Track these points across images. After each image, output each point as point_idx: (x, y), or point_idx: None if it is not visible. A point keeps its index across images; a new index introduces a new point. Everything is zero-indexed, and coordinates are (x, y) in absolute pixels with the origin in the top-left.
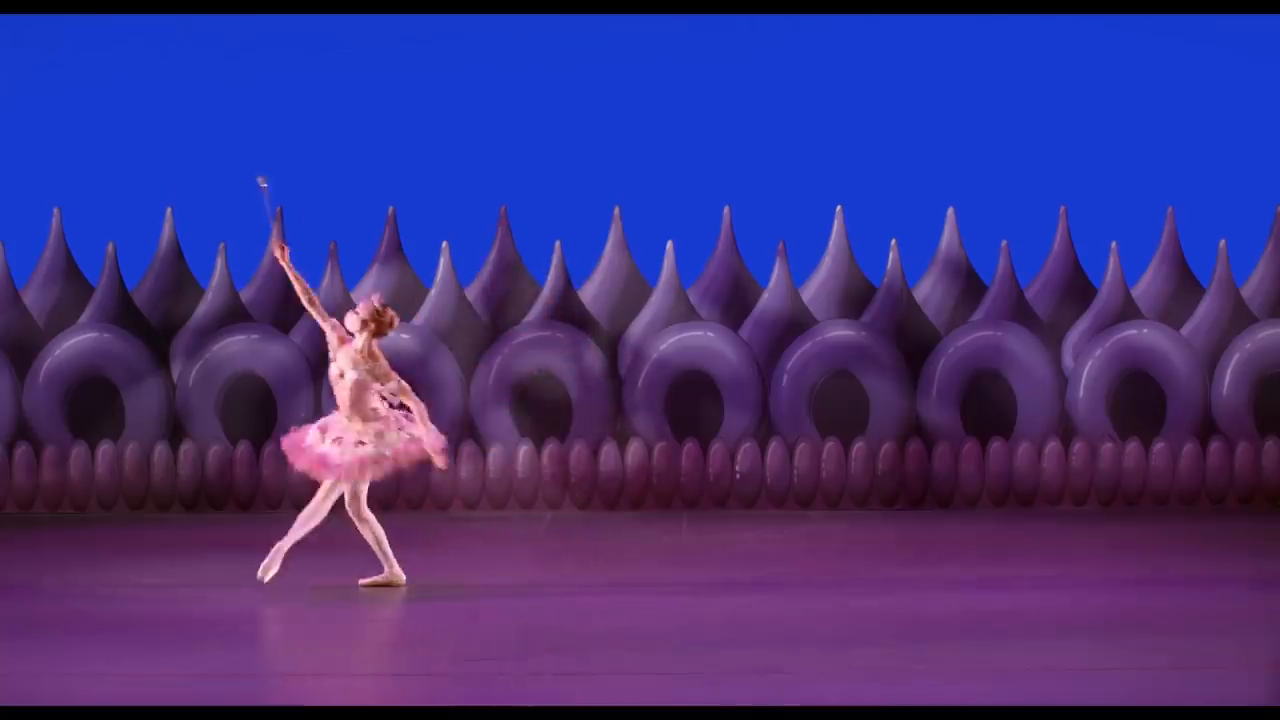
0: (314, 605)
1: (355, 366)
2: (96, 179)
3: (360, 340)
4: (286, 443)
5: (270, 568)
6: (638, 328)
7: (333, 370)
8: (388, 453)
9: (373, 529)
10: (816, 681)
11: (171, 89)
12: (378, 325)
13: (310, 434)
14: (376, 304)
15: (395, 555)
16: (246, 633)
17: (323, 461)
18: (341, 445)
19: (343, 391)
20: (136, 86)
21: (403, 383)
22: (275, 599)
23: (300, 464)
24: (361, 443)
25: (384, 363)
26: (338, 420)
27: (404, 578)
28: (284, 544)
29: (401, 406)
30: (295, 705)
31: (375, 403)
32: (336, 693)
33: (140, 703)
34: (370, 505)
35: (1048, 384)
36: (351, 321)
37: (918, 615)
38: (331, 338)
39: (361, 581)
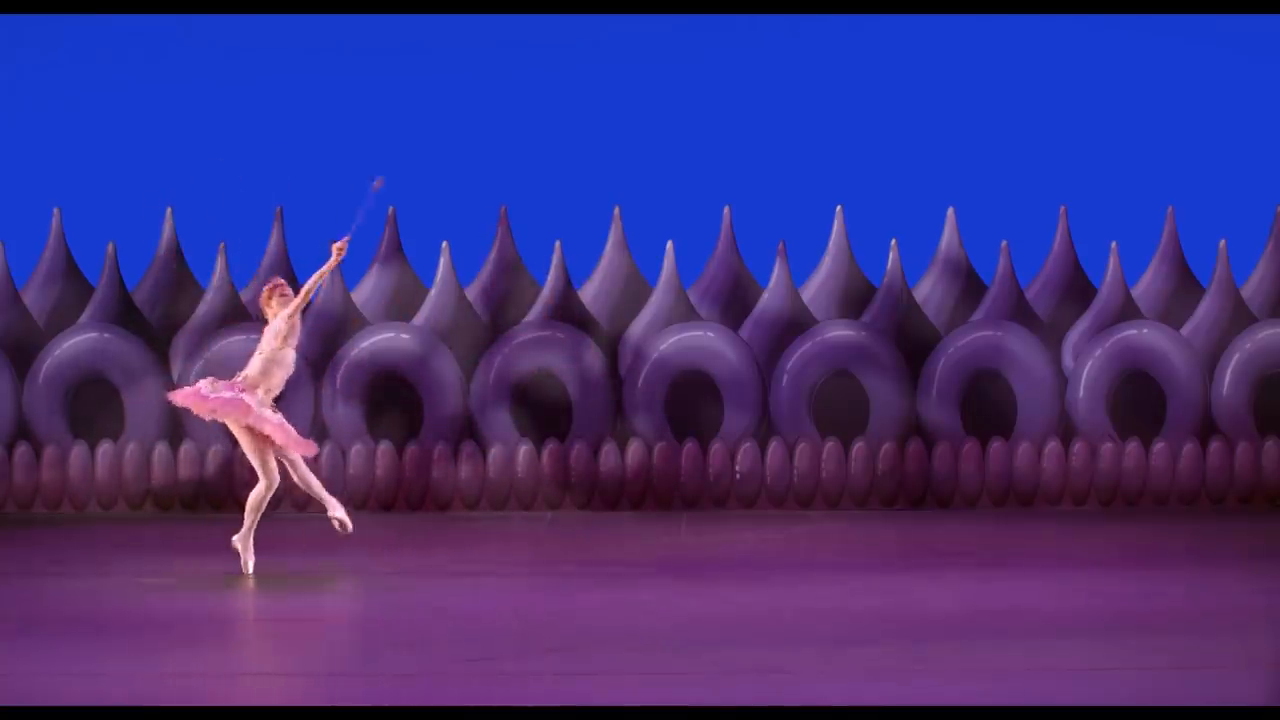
0: (314, 605)
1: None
2: (96, 179)
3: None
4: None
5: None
6: (638, 328)
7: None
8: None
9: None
10: (816, 681)
11: (171, 89)
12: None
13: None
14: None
15: (397, 555)
16: (246, 632)
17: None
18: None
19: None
20: (136, 86)
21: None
22: (275, 598)
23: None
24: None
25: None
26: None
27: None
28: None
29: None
30: (294, 705)
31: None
32: (336, 692)
33: (139, 703)
34: (371, 505)
35: (1048, 384)
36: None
37: (918, 615)
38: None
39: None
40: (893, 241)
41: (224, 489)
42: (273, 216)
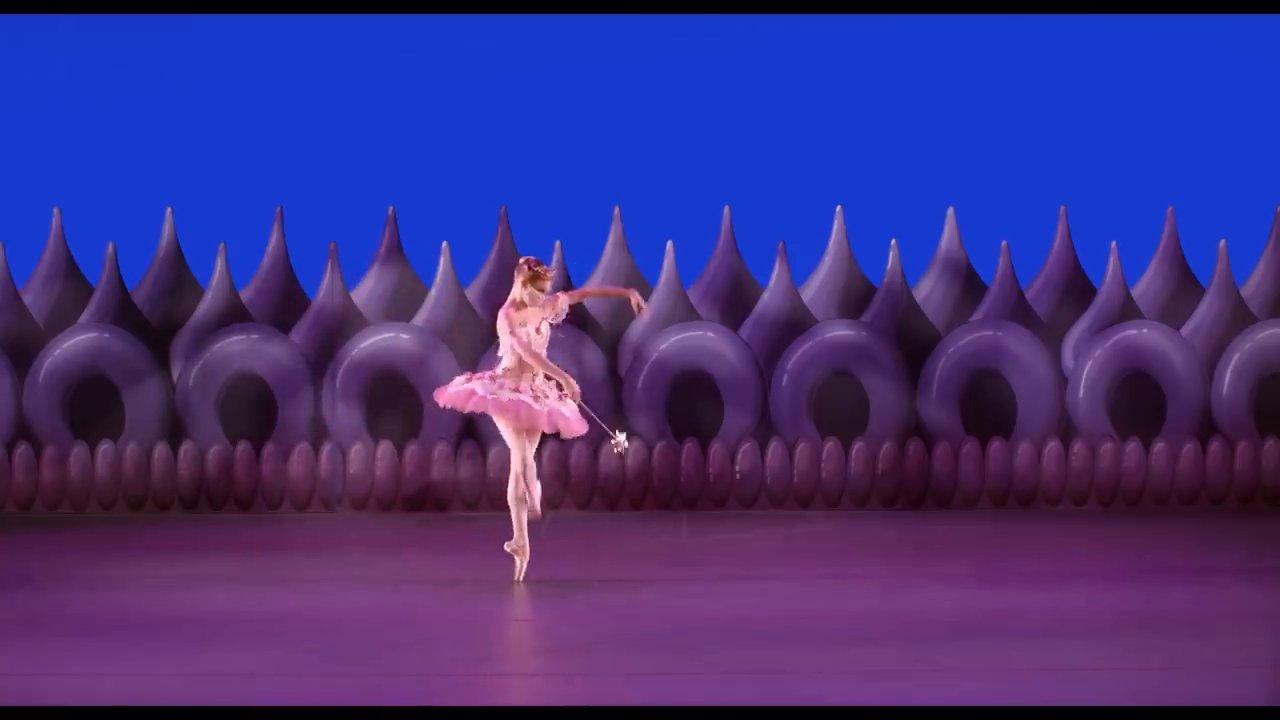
0: (313, 605)
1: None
2: (96, 179)
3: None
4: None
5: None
6: (638, 328)
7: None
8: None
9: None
10: (816, 681)
11: (171, 89)
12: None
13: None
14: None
15: (399, 556)
16: (245, 632)
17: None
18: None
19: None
20: (136, 86)
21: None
22: (273, 599)
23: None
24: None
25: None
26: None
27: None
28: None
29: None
30: (293, 705)
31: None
32: (335, 692)
33: (139, 703)
34: (370, 505)
35: (1048, 384)
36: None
37: (918, 615)
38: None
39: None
40: (893, 241)
41: (224, 489)
42: (273, 216)
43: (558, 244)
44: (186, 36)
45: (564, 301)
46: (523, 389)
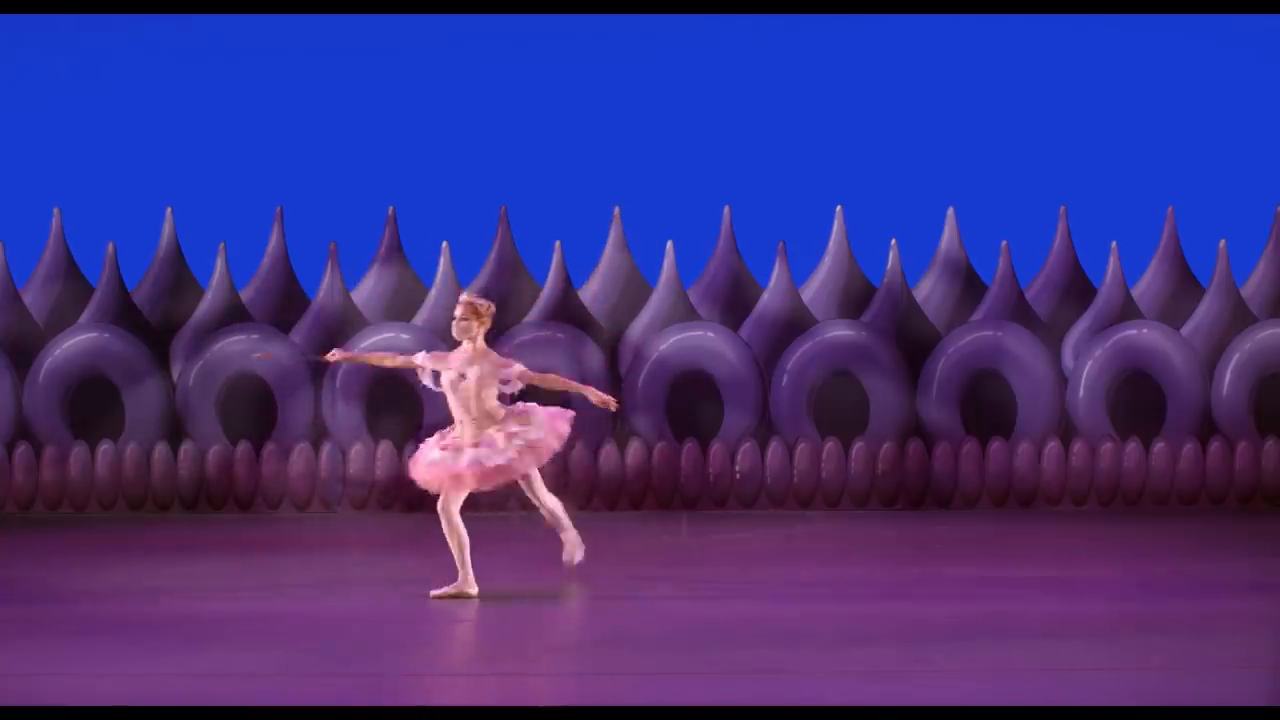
0: (312, 605)
1: (474, 365)
2: (96, 179)
3: (480, 339)
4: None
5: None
6: (638, 328)
7: (447, 380)
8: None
9: (459, 535)
10: (816, 681)
11: (171, 89)
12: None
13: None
14: (474, 300)
15: (399, 556)
16: (245, 632)
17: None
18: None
19: (466, 396)
20: (136, 86)
21: (523, 368)
22: (273, 598)
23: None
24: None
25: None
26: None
27: (476, 589)
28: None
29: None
30: (292, 705)
31: (494, 401)
32: (335, 692)
33: (139, 703)
34: (370, 505)
35: (1048, 384)
36: (464, 327)
37: (918, 615)
38: (427, 360)
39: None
40: (893, 241)
41: (224, 489)
42: (273, 216)
43: (558, 244)
44: (186, 36)
45: (510, 374)
46: (463, 438)
